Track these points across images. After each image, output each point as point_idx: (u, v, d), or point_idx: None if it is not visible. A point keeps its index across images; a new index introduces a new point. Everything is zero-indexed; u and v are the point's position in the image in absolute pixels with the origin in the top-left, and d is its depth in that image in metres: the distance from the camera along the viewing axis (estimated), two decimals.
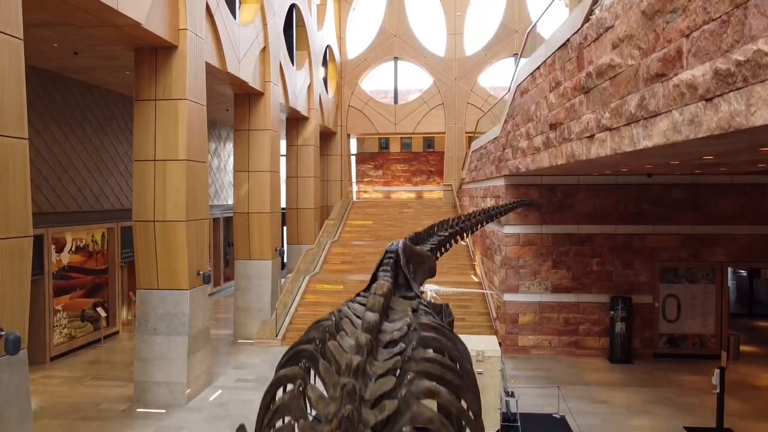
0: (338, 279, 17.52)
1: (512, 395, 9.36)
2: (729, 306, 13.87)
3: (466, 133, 24.93)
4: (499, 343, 9.42)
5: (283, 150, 19.26)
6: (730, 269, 14.95)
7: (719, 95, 4.12)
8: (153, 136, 10.14)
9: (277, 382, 2.90)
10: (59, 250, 13.34)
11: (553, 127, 8.74)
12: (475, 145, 19.41)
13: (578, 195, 13.23)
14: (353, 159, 28.73)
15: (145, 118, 10.19)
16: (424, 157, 28.89)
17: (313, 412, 2.68)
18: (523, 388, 10.56)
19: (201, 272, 10.69)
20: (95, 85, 14.64)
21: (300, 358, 2.88)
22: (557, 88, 8.48)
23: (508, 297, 13.43)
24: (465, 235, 6.71)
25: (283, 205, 19.11)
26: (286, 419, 2.63)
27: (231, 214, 18.62)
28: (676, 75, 4.76)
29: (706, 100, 4.32)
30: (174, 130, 10.10)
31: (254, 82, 14.13)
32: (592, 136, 6.99)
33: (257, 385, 11.38)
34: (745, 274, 18.74)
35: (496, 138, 14.26)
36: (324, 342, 2.89)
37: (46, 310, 12.78)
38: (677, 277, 13.17)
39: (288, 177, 20.56)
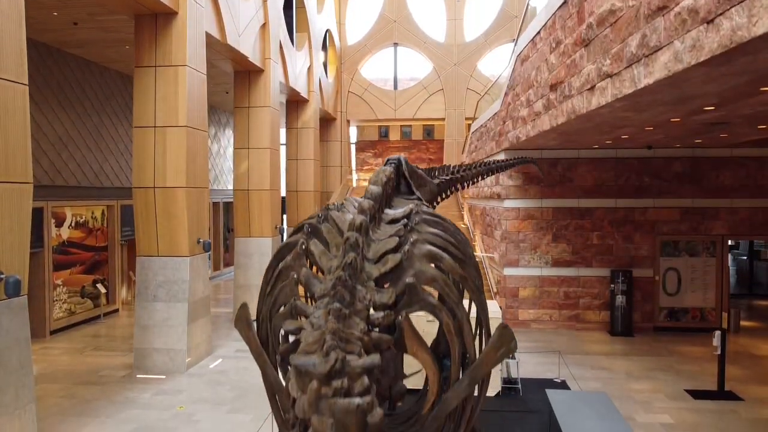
0: None
1: (513, 357, 9.35)
2: (729, 278, 13.86)
3: (466, 119, 24.90)
4: (500, 307, 9.41)
5: (283, 139, 19.20)
6: (729, 254, 14.95)
7: (720, 14, 4.12)
8: (153, 102, 10.13)
9: (279, 254, 2.89)
10: (59, 224, 13.33)
11: (553, 87, 8.72)
12: (474, 125, 19.40)
13: (579, 168, 13.21)
14: (353, 147, 28.69)
15: (145, 84, 10.18)
16: (423, 145, 28.89)
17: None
18: (524, 353, 10.56)
19: (201, 240, 10.67)
20: (94, 61, 14.61)
21: (302, 229, 2.88)
22: (558, 47, 8.46)
23: (508, 271, 13.42)
24: (464, 185, 6.69)
25: (283, 192, 19.05)
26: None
27: (231, 200, 18.55)
28: (677, 4, 4.76)
29: (708, 22, 4.32)
30: (174, 96, 10.09)
31: (254, 58, 14.10)
32: (592, 87, 6.98)
33: None
34: (745, 257, 18.74)
35: (495, 113, 14.25)
36: (327, 217, 2.88)
37: (46, 284, 12.76)
38: (677, 250, 13.16)
39: (288, 159, 20.56)
